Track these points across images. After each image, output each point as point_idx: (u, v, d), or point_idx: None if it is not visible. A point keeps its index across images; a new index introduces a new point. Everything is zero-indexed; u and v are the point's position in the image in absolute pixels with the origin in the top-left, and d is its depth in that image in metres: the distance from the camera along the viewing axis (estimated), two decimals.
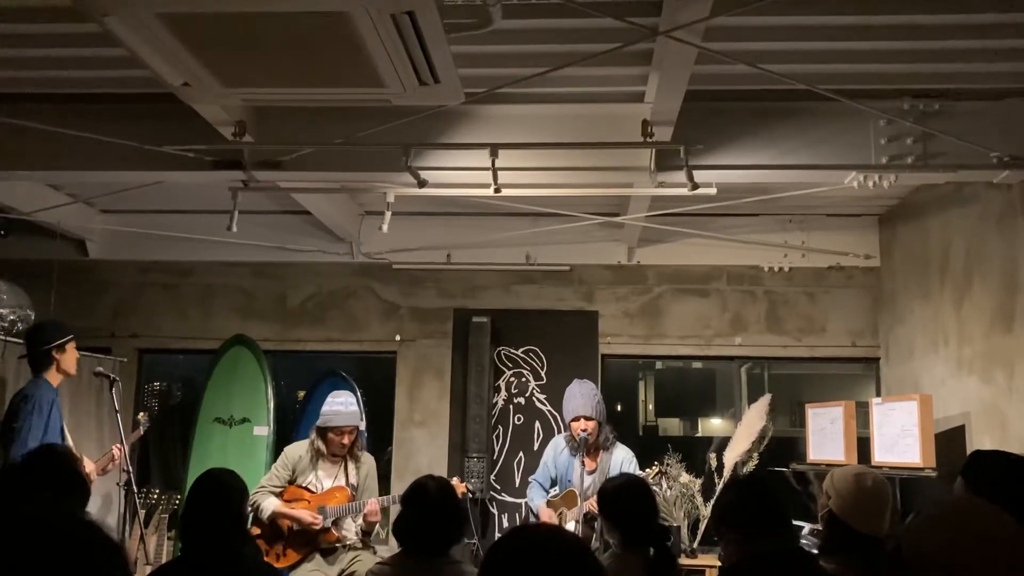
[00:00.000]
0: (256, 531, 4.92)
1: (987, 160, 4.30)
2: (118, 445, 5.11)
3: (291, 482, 5.02)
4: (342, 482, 5.01)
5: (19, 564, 1.01)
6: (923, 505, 1.75)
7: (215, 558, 2.86)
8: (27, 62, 4.16)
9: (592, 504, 4.58)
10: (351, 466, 5.06)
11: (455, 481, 4.83)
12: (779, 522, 2.59)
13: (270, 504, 4.89)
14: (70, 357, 4.96)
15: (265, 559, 4.70)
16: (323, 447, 5.00)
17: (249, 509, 3.93)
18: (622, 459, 5.15)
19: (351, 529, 5.00)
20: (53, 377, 4.92)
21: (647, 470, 5.16)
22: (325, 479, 5.02)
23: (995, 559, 1.55)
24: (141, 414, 5.73)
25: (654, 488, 5.55)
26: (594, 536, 4.72)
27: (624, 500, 3.38)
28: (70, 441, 4.97)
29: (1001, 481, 2.58)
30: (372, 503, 4.90)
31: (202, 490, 3.05)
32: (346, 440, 4.99)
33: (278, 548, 4.90)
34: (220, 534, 2.91)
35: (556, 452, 5.32)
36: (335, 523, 4.91)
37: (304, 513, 4.88)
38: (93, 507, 4.95)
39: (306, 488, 4.99)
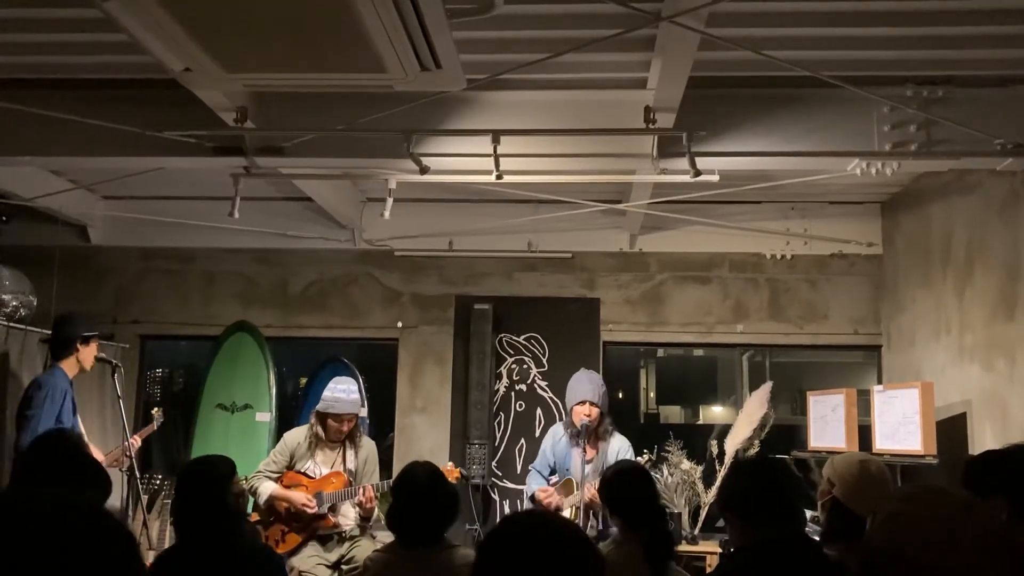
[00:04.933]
0: (254, 517, 4.93)
1: (991, 147, 4.28)
2: (134, 437, 5.16)
3: (290, 468, 5.03)
4: (339, 467, 5.03)
5: (31, 551, 1.00)
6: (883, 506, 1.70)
7: (210, 544, 2.86)
8: (28, 47, 4.15)
9: (591, 492, 4.60)
10: (350, 451, 5.08)
11: (449, 466, 4.86)
12: (785, 508, 2.56)
13: (267, 488, 4.91)
14: (90, 353, 5.04)
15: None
16: (321, 432, 5.01)
17: (247, 491, 3.92)
18: (618, 448, 5.16)
19: (349, 515, 5.01)
20: (70, 367, 5.00)
21: (639, 458, 5.17)
22: (323, 465, 5.03)
23: (960, 543, 1.52)
24: (155, 410, 5.74)
25: None
26: (590, 525, 4.74)
27: (625, 486, 3.40)
28: (82, 431, 5.01)
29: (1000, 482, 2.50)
30: (368, 489, 4.90)
31: (186, 478, 3.07)
32: (345, 428, 5.01)
33: (276, 534, 4.92)
34: (210, 519, 2.92)
35: (555, 440, 5.33)
36: (332, 509, 4.93)
37: (298, 495, 4.89)
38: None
39: (304, 474, 5.00)
